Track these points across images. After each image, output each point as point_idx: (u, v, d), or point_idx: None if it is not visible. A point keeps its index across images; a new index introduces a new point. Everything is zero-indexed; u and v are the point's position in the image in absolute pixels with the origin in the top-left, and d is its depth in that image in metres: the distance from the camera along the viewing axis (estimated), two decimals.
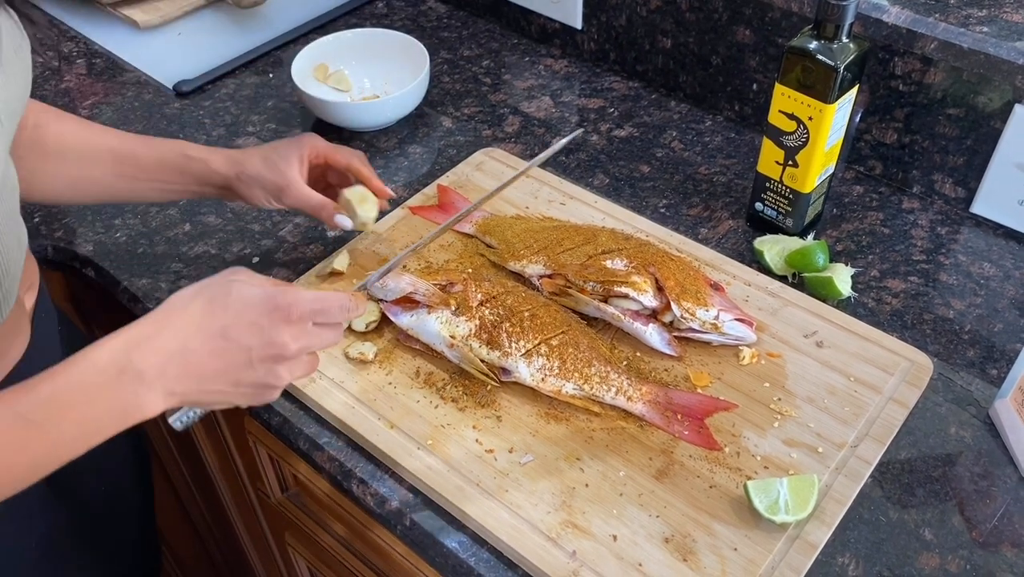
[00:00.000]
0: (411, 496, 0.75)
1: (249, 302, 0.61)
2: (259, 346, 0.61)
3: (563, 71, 1.24)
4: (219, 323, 0.61)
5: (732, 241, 0.97)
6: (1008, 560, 0.70)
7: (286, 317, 0.62)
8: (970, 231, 0.98)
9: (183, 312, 0.61)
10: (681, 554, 0.69)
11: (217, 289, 0.62)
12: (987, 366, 0.83)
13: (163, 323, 0.60)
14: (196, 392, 0.61)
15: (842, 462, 0.74)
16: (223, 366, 0.61)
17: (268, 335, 0.61)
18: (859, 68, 0.85)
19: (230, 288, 0.62)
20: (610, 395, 0.78)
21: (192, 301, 0.61)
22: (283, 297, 0.62)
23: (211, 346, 0.60)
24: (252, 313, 0.61)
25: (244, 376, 0.62)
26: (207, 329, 0.60)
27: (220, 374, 0.61)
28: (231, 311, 0.61)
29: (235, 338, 0.61)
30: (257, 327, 0.61)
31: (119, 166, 0.84)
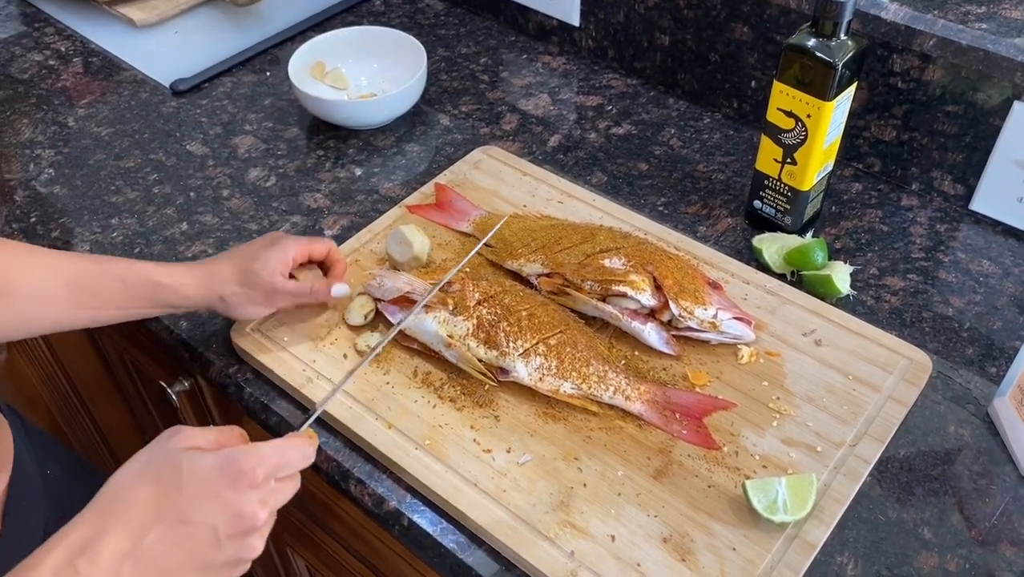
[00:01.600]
0: (409, 496, 0.75)
1: (205, 474, 0.54)
2: (226, 523, 0.54)
3: (561, 68, 1.23)
4: (175, 507, 0.53)
5: (731, 239, 0.97)
6: (1007, 559, 0.70)
7: (251, 482, 0.55)
8: (969, 228, 0.97)
9: (129, 503, 0.53)
10: (679, 554, 0.68)
11: (164, 466, 0.54)
12: (986, 364, 0.83)
13: (107, 520, 0.52)
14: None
15: (841, 461, 0.74)
16: (188, 554, 0.54)
17: (235, 508, 0.54)
18: (857, 65, 0.84)
19: (179, 462, 0.54)
20: (608, 394, 0.78)
21: (136, 486, 0.54)
22: (243, 460, 0.55)
23: (170, 536, 0.53)
24: (212, 487, 0.54)
25: (213, 558, 0.55)
26: (162, 517, 0.53)
27: (185, 563, 0.54)
28: (187, 490, 0.53)
29: (197, 521, 0.53)
30: (221, 501, 0.54)
31: (77, 299, 0.74)
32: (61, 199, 1.04)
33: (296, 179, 1.06)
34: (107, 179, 1.06)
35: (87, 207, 1.03)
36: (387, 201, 1.02)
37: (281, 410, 0.81)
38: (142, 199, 1.04)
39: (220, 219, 1.01)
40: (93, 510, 0.53)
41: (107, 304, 0.76)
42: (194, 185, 1.05)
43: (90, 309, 0.76)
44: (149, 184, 1.06)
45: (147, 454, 0.56)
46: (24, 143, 1.12)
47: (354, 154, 1.09)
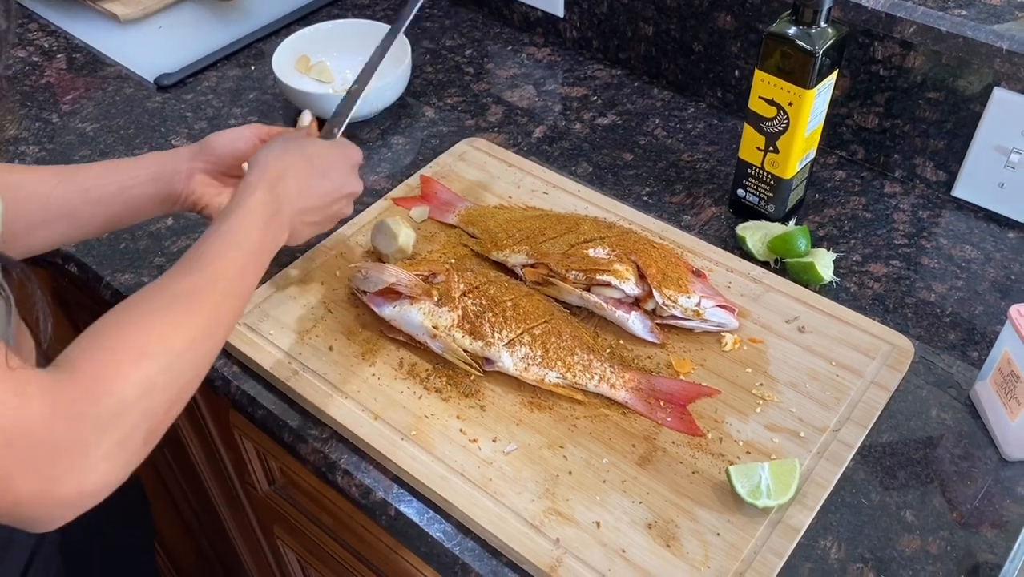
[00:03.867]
0: (395, 486, 0.75)
1: (332, 148, 0.81)
2: (343, 183, 0.80)
3: (546, 60, 1.23)
4: (324, 163, 0.79)
5: (715, 228, 0.97)
6: (988, 540, 0.70)
7: (356, 161, 0.83)
8: (951, 214, 0.98)
9: (294, 162, 0.76)
10: (664, 540, 0.69)
11: (303, 144, 0.78)
12: (968, 348, 0.84)
13: (283, 170, 0.74)
14: (299, 226, 0.77)
15: (824, 446, 0.75)
16: (323, 201, 0.79)
17: (348, 176, 0.81)
18: (838, 53, 0.85)
19: (313, 141, 0.80)
20: (593, 383, 0.78)
21: (295, 155, 0.76)
22: (350, 146, 0.83)
23: (317, 183, 0.77)
24: (337, 157, 0.81)
25: (332, 207, 0.80)
26: (313, 172, 0.77)
27: (320, 208, 0.78)
28: (323, 156, 0.79)
29: (332, 176, 0.79)
30: (342, 167, 0.81)
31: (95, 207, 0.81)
32: None
33: None
34: None
35: None
36: (372, 194, 1.02)
37: (267, 403, 0.81)
38: None
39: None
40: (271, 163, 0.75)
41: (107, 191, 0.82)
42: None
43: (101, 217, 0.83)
44: None
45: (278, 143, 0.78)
46: (8, 140, 1.12)
47: None
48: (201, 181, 0.85)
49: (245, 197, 0.71)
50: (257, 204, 0.71)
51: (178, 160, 0.84)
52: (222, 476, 1.12)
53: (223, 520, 1.24)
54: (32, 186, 0.79)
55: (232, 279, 0.67)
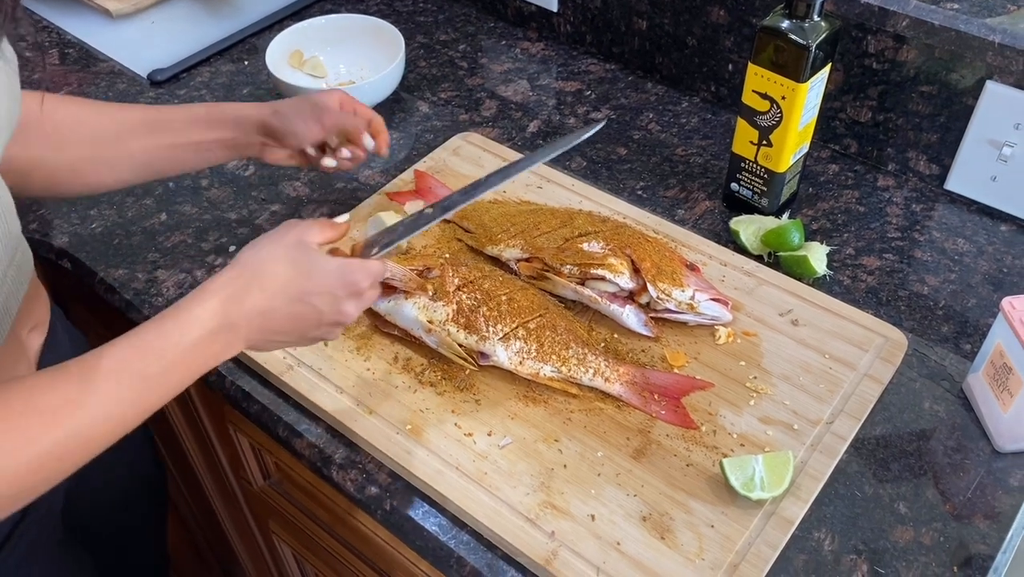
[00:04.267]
0: (391, 481, 0.75)
1: (329, 273, 0.68)
2: (329, 313, 0.69)
3: (540, 54, 1.23)
4: (302, 288, 0.67)
5: (708, 221, 0.97)
6: (981, 531, 0.71)
7: (357, 292, 0.70)
8: (944, 208, 0.98)
9: (268, 274, 0.66)
10: (659, 532, 0.69)
11: (298, 254, 0.68)
12: (961, 341, 0.84)
13: (252, 281, 0.66)
14: (266, 342, 0.69)
15: (817, 439, 0.75)
16: (296, 325, 0.68)
17: (339, 305, 0.69)
18: (831, 47, 0.85)
19: (310, 255, 0.68)
20: (588, 377, 0.79)
21: (275, 262, 0.67)
22: (358, 272, 0.69)
23: (292, 309, 0.67)
24: (330, 283, 0.68)
25: (309, 333, 0.70)
26: (291, 292, 0.67)
27: (291, 331, 0.69)
28: (313, 280, 0.67)
29: (314, 304, 0.68)
30: (332, 297, 0.68)
31: (153, 135, 0.84)
32: None
33: (275, 168, 1.06)
34: None
35: (65, 199, 1.02)
36: (366, 189, 1.02)
37: (263, 398, 0.81)
38: (120, 190, 1.03)
39: (199, 208, 1.00)
40: (238, 271, 0.66)
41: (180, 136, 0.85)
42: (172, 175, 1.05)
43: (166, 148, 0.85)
44: None
45: (279, 241, 0.68)
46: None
47: None
48: (270, 153, 0.88)
49: (194, 305, 0.63)
50: (204, 316, 0.63)
51: (250, 134, 0.87)
52: (217, 471, 1.12)
53: (218, 515, 1.24)
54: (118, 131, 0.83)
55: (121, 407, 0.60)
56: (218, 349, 0.64)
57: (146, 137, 0.84)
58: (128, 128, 0.84)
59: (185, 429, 1.10)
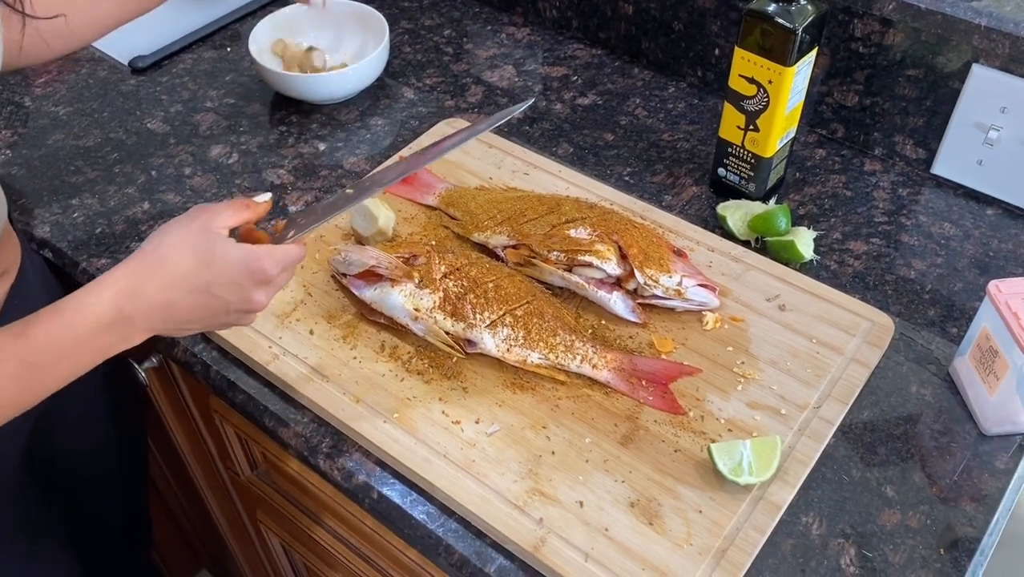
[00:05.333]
0: (378, 469, 0.75)
1: (232, 262, 0.66)
2: (237, 301, 0.67)
3: (525, 39, 1.22)
4: (204, 280, 0.65)
5: (696, 207, 0.97)
6: (967, 513, 0.71)
7: (265, 279, 0.68)
8: (931, 192, 0.98)
9: (169, 264, 0.65)
10: (647, 518, 0.69)
11: (201, 242, 0.66)
12: (947, 325, 0.84)
13: (150, 273, 0.64)
14: (174, 330, 0.68)
15: (805, 423, 0.75)
16: (203, 315, 0.67)
17: (247, 294, 0.67)
18: (818, 30, 0.84)
19: (214, 244, 0.66)
20: (575, 363, 0.78)
21: (176, 252, 0.65)
22: (264, 260, 0.67)
23: (195, 299, 0.66)
24: (234, 273, 0.66)
25: (219, 320, 0.69)
26: (192, 284, 0.65)
27: (199, 320, 0.68)
28: (215, 269, 0.65)
29: (218, 295, 0.66)
30: (237, 286, 0.67)
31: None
32: (19, 180, 1.02)
33: (259, 155, 1.05)
34: (66, 159, 1.05)
35: (46, 188, 1.01)
36: (351, 176, 1.01)
37: (248, 388, 0.81)
38: (103, 179, 1.02)
39: (182, 197, 0.99)
40: (137, 263, 0.65)
41: None
42: (155, 164, 1.04)
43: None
44: (109, 163, 1.04)
45: (184, 228, 0.66)
46: None
47: (317, 129, 1.08)
48: None
49: (88, 297, 0.62)
50: (97, 309, 0.62)
51: None
52: (205, 461, 1.12)
53: (208, 505, 1.24)
54: None
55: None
56: (113, 340, 0.64)
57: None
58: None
59: (172, 418, 1.09)
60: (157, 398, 1.06)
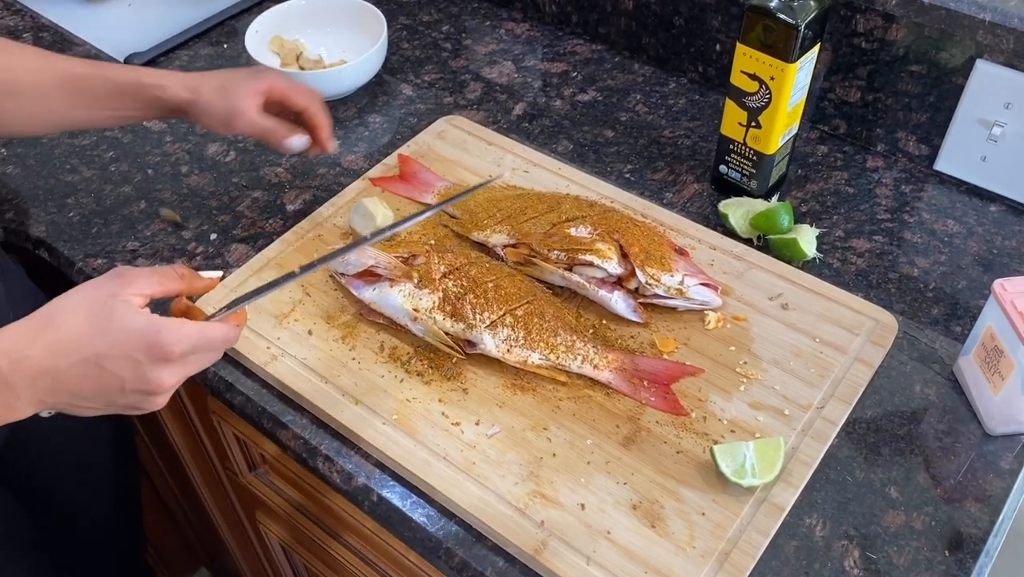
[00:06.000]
0: (377, 471, 0.74)
1: (129, 333, 0.59)
2: (132, 379, 0.60)
3: (525, 35, 1.21)
4: (94, 349, 0.59)
5: (697, 205, 0.96)
6: (972, 515, 0.70)
7: (165, 357, 0.60)
8: (934, 188, 0.97)
9: (59, 328, 0.59)
10: (649, 520, 0.68)
11: (100, 308, 0.59)
12: (951, 323, 0.84)
13: (37, 335, 0.58)
14: (68, 405, 0.61)
15: (808, 424, 0.75)
16: (95, 390, 0.60)
17: (143, 372, 0.60)
18: (820, 26, 0.84)
19: (112, 311, 0.59)
20: (576, 364, 0.78)
21: (71, 317, 0.59)
22: (165, 335, 0.60)
23: (82, 370, 0.59)
24: (129, 345, 0.59)
25: (117, 400, 0.61)
26: (80, 352, 0.58)
27: (92, 396, 0.60)
28: (108, 339, 0.59)
29: (109, 369, 0.59)
30: (133, 361, 0.59)
31: (73, 98, 0.82)
32: (14, 179, 1.01)
33: (256, 153, 1.04)
34: (61, 158, 1.04)
35: (41, 187, 1.00)
36: (349, 174, 1.00)
37: (246, 389, 0.80)
38: (98, 177, 1.01)
39: (179, 196, 0.98)
40: (29, 324, 0.59)
41: (99, 104, 0.82)
42: (152, 162, 1.03)
43: (84, 109, 0.82)
44: (105, 162, 1.03)
45: (90, 291, 0.61)
46: None
47: None
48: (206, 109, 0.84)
49: None
50: None
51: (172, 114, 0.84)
52: (204, 463, 1.11)
53: (207, 506, 1.23)
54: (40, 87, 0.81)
55: None
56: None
57: (67, 98, 0.82)
58: (51, 86, 0.81)
59: (171, 419, 1.09)
60: None
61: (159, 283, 0.62)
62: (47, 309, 0.60)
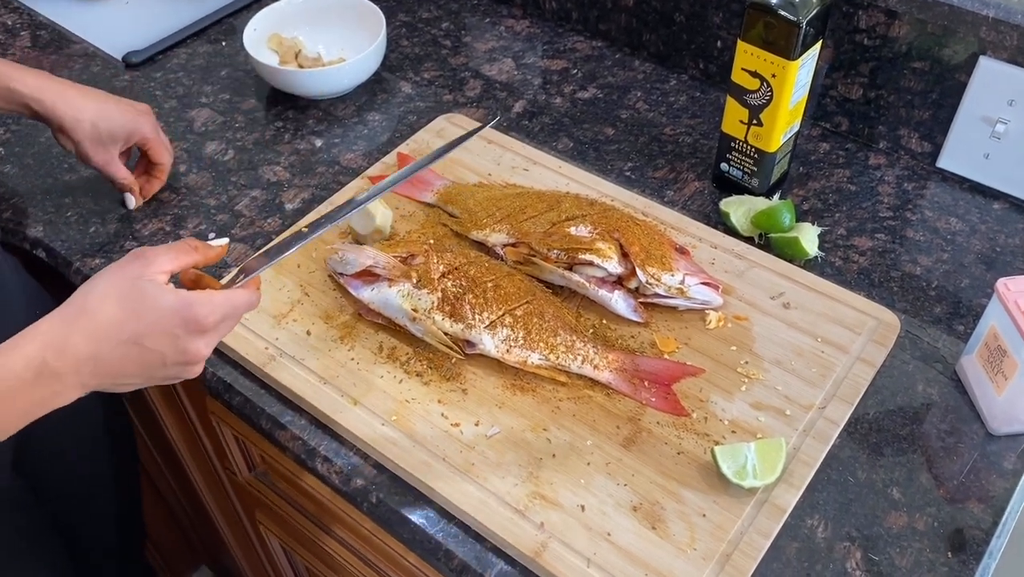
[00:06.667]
0: (376, 473, 0.74)
1: (163, 311, 0.61)
2: (173, 353, 0.63)
3: (525, 32, 1.21)
4: (132, 330, 0.61)
5: (698, 203, 0.96)
6: (975, 515, 0.70)
7: (200, 329, 0.63)
8: (936, 186, 0.97)
9: (95, 315, 0.60)
10: (650, 522, 0.68)
11: (130, 291, 0.61)
12: (954, 322, 0.83)
13: (75, 325, 0.60)
14: (111, 385, 0.63)
15: (810, 424, 0.74)
16: (137, 368, 0.62)
17: (182, 344, 0.63)
18: (822, 23, 0.83)
19: (144, 292, 0.61)
20: (576, 364, 0.77)
21: (104, 302, 0.61)
22: (198, 308, 0.62)
23: (124, 351, 0.61)
24: (166, 323, 0.61)
25: (157, 373, 0.64)
26: (120, 336, 0.60)
27: (135, 374, 0.63)
28: (145, 319, 0.61)
29: (149, 346, 0.62)
30: (171, 336, 0.62)
31: None
32: (12, 179, 1.01)
33: (255, 152, 1.03)
34: (59, 157, 1.03)
35: (39, 187, 1.00)
36: (348, 172, 1.00)
37: (244, 389, 0.80)
38: (96, 177, 1.00)
39: (177, 195, 0.98)
40: (63, 314, 0.61)
41: None
42: None
43: None
44: None
45: (116, 275, 0.62)
46: None
47: (314, 125, 1.07)
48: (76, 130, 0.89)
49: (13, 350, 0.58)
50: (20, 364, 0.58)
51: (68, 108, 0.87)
52: (204, 462, 1.11)
53: (207, 505, 1.23)
54: None
55: None
56: (43, 396, 0.60)
57: None
58: None
59: (169, 419, 1.08)
60: (153, 399, 1.05)
61: (177, 258, 0.65)
62: (78, 298, 0.61)
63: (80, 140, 0.88)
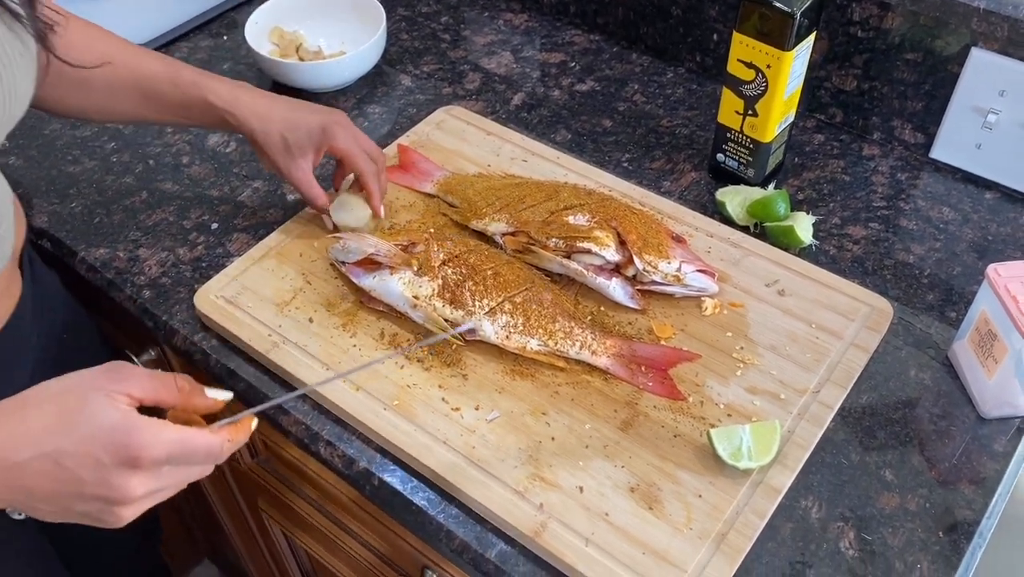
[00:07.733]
0: (378, 456, 0.75)
1: (96, 429, 0.53)
2: (93, 482, 0.53)
3: (523, 25, 1.22)
4: (55, 444, 0.52)
5: (695, 193, 0.97)
6: (966, 496, 0.71)
7: (133, 462, 0.53)
8: (930, 176, 0.98)
9: (26, 417, 0.53)
10: (647, 503, 0.69)
11: (73, 400, 0.54)
12: (946, 309, 0.85)
13: (5, 420, 0.53)
14: (25, 505, 0.55)
15: (804, 407, 0.75)
16: (50, 490, 0.54)
17: (106, 474, 0.53)
18: (816, 14, 0.84)
19: (85, 403, 0.53)
20: (575, 350, 0.78)
21: (42, 406, 0.54)
22: (136, 436, 0.53)
23: (39, 466, 0.53)
24: (94, 443, 0.52)
25: (74, 505, 0.55)
26: (40, 446, 0.53)
27: (47, 497, 0.54)
28: (74, 435, 0.52)
29: (67, 466, 0.53)
30: (94, 461, 0.52)
31: (145, 102, 0.85)
32: (17, 170, 1.02)
33: None
34: (63, 149, 1.05)
35: (44, 178, 1.01)
36: None
37: (248, 376, 0.81)
38: (100, 168, 1.02)
39: (180, 186, 0.99)
40: (2, 406, 0.54)
41: (169, 111, 0.86)
42: (153, 153, 1.04)
43: (153, 112, 0.86)
44: (107, 153, 1.04)
45: (77, 379, 0.55)
46: None
47: None
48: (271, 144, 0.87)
49: None
50: None
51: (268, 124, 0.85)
52: None
53: (207, 494, 1.24)
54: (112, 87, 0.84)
55: None
56: None
57: (137, 104, 0.85)
58: (121, 85, 0.84)
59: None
60: None
61: (152, 389, 0.56)
62: (27, 392, 0.54)
63: (272, 155, 0.85)
